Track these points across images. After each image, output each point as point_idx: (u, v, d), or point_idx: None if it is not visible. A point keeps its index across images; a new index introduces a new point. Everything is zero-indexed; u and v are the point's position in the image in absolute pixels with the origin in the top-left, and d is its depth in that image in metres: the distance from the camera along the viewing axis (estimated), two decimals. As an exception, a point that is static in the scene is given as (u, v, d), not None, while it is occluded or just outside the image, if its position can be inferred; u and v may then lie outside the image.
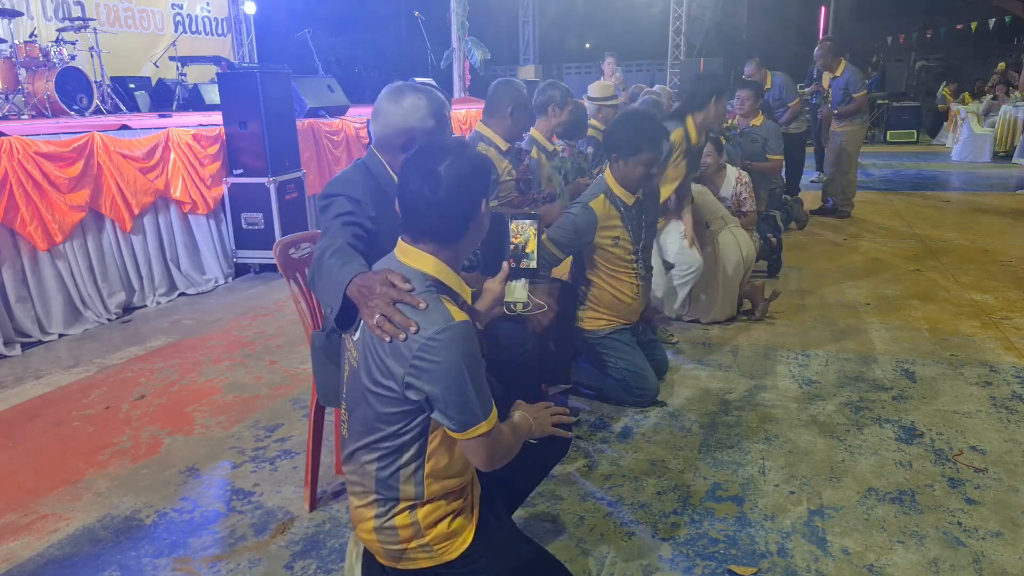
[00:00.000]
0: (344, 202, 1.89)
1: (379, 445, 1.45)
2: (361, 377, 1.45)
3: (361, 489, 1.52)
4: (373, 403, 1.42)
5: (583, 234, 2.87)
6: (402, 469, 1.45)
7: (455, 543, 1.51)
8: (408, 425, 1.42)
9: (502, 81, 3.16)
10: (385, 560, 1.55)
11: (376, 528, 1.50)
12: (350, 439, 1.53)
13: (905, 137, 13.99)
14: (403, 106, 1.95)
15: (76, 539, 2.21)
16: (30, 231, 3.88)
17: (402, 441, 1.43)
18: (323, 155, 6.04)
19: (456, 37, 12.07)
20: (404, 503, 1.48)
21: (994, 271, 4.94)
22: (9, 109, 6.60)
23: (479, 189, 1.44)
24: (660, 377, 3.17)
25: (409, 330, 1.33)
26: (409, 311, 1.37)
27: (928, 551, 2.06)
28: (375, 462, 1.47)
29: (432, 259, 1.43)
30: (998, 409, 2.93)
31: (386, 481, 1.47)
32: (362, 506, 1.53)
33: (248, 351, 3.79)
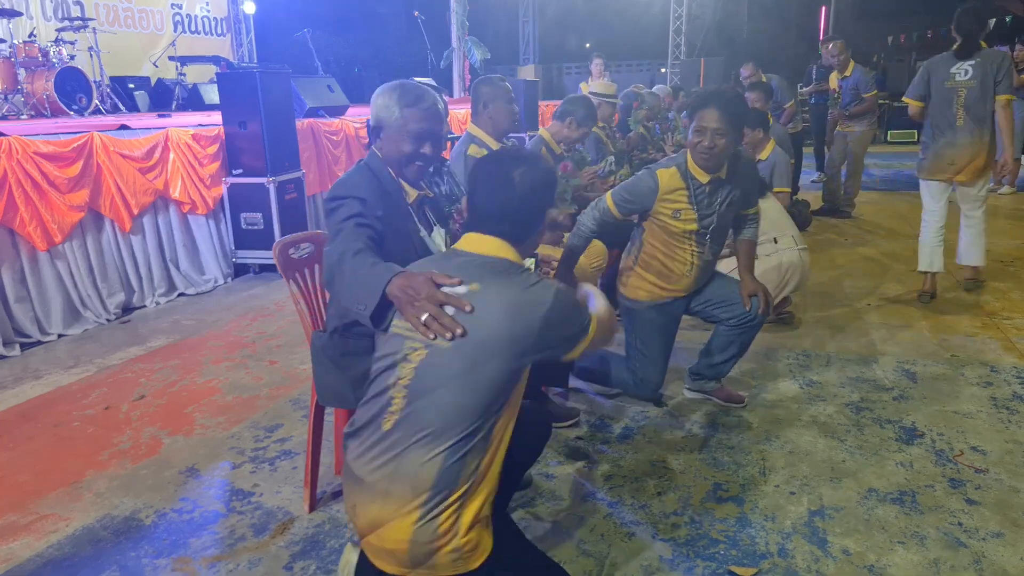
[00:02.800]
0: (353, 203, 1.88)
1: (460, 426, 1.43)
2: (457, 359, 1.45)
3: (404, 487, 1.45)
4: (466, 384, 1.44)
5: (642, 198, 2.71)
6: (465, 467, 1.44)
7: (478, 552, 1.48)
8: (491, 404, 1.45)
9: (478, 80, 3.24)
10: (399, 567, 1.48)
11: (415, 527, 1.43)
12: (402, 428, 1.47)
13: (906, 137, 13.98)
14: (378, 100, 2.00)
15: (76, 539, 2.20)
16: (29, 231, 3.88)
17: (483, 421, 1.45)
18: (323, 155, 6.04)
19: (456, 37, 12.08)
20: (456, 496, 1.44)
21: (995, 271, 4.94)
22: (8, 109, 6.59)
23: (547, 198, 1.64)
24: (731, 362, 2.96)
25: (456, 332, 1.45)
26: (520, 287, 1.50)
27: (929, 552, 2.06)
28: (444, 452, 1.42)
29: (508, 246, 1.60)
30: (999, 410, 2.93)
31: (450, 471, 1.43)
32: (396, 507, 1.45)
33: (248, 351, 3.79)
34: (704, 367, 2.98)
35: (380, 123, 2.00)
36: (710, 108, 2.53)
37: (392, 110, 1.97)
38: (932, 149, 4.30)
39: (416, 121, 1.97)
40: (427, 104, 1.98)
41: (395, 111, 1.97)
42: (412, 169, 2.05)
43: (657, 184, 2.67)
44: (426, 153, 2.02)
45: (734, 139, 2.59)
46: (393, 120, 1.97)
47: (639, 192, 2.71)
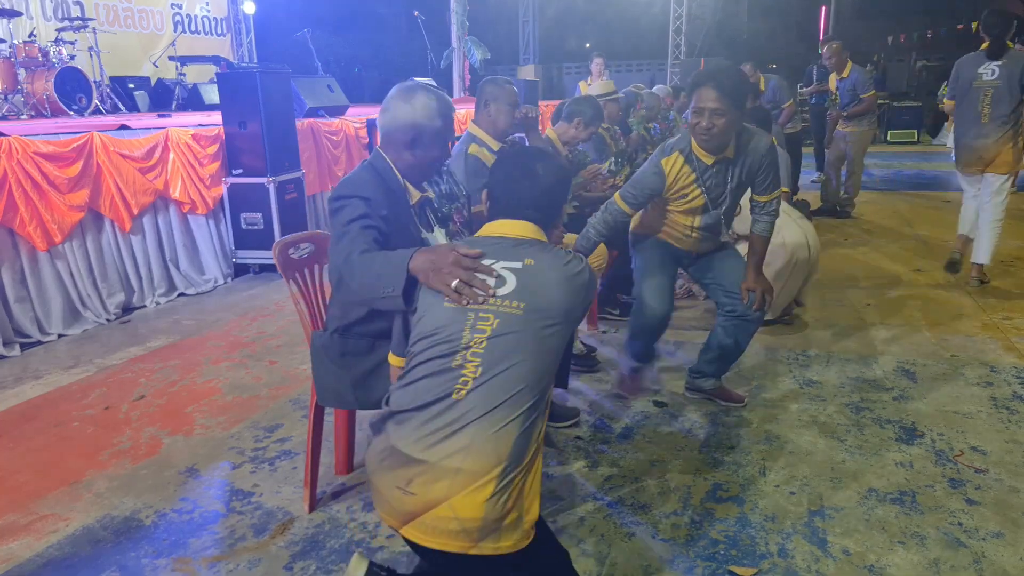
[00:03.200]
0: (358, 204, 1.88)
1: (529, 395, 1.48)
2: (530, 323, 1.53)
3: (479, 461, 1.42)
4: (541, 345, 1.53)
5: (650, 191, 2.71)
6: (536, 429, 1.50)
7: (531, 531, 1.49)
8: (554, 365, 1.57)
9: (485, 79, 3.25)
10: (464, 542, 1.43)
11: (488, 502, 1.40)
12: (474, 398, 1.45)
13: (906, 137, 13.99)
14: (414, 103, 1.97)
15: (76, 539, 2.20)
16: (29, 231, 3.88)
17: (544, 386, 1.53)
18: (323, 155, 6.04)
19: (456, 37, 12.08)
20: (523, 466, 1.46)
21: (995, 271, 4.93)
22: (8, 109, 6.60)
23: (566, 191, 1.80)
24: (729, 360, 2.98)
25: (488, 292, 1.55)
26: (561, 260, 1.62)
27: (929, 552, 2.06)
28: (522, 416, 1.46)
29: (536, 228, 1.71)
30: (999, 409, 2.93)
31: (522, 439, 1.46)
32: (468, 480, 1.41)
33: (248, 351, 3.79)
34: (703, 363, 3.00)
35: (420, 130, 1.98)
36: (706, 87, 2.47)
37: (435, 120, 1.99)
38: (962, 144, 4.64)
39: (450, 128, 2.02)
40: (454, 114, 2.07)
41: (438, 121, 1.99)
42: (429, 172, 2.10)
43: (663, 176, 2.66)
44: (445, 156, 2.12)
45: (734, 117, 2.51)
46: (434, 128, 1.99)
47: (647, 186, 2.70)
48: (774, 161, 2.71)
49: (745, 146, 2.65)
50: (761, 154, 2.67)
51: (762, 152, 2.66)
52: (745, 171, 2.69)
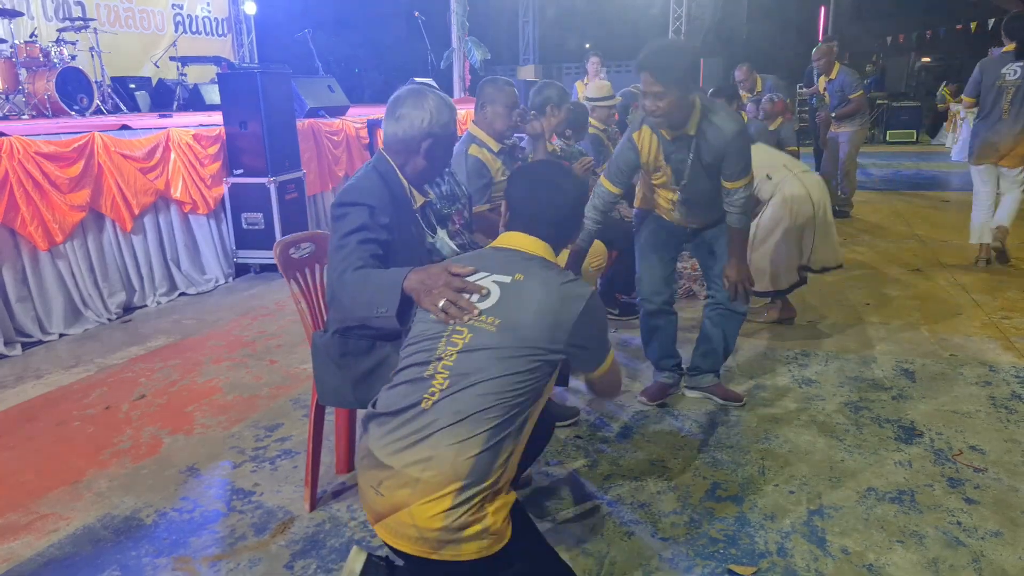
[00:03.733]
0: (360, 213, 1.88)
1: (494, 415, 1.46)
2: (502, 341, 1.51)
3: (437, 472, 1.44)
4: (511, 366, 1.49)
5: (630, 166, 2.76)
6: (505, 446, 1.48)
7: (501, 538, 1.49)
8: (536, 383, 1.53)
9: (484, 80, 3.26)
10: (423, 549, 1.46)
11: (446, 513, 1.42)
12: (441, 408, 1.47)
13: (905, 137, 14.00)
14: (428, 110, 1.97)
15: (76, 538, 2.21)
16: (30, 231, 3.89)
17: (517, 410, 1.50)
18: (323, 155, 6.05)
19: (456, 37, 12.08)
20: (487, 485, 1.45)
21: (994, 271, 4.94)
22: (9, 109, 6.60)
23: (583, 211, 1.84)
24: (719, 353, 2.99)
25: (473, 312, 1.55)
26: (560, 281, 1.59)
27: (928, 551, 2.07)
28: (481, 437, 1.44)
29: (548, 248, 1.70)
30: (998, 409, 2.93)
31: (485, 458, 1.45)
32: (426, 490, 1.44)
33: (248, 351, 3.79)
34: (697, 358, 3.06)
35: (436, 138, 1.99)
36: (644, 72, 2.48)
37: (449, 127, 2.01)
38: (980, 138, 4.97)
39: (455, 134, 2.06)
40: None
41: (452, 127, 2.01)
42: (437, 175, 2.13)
43: (637, 149, 2.72)
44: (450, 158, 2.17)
45: (677, 95, 2.46)
46: (448, 135, 2.02)
47: (625, 160, 2.76)
48: (743, 148, 2.60)
49: (708, 124, 2.57)
50: (727, 138, 2.56)
51: (728, 136, 2.56)
52: (707, 150, 2.61)
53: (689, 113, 2.55)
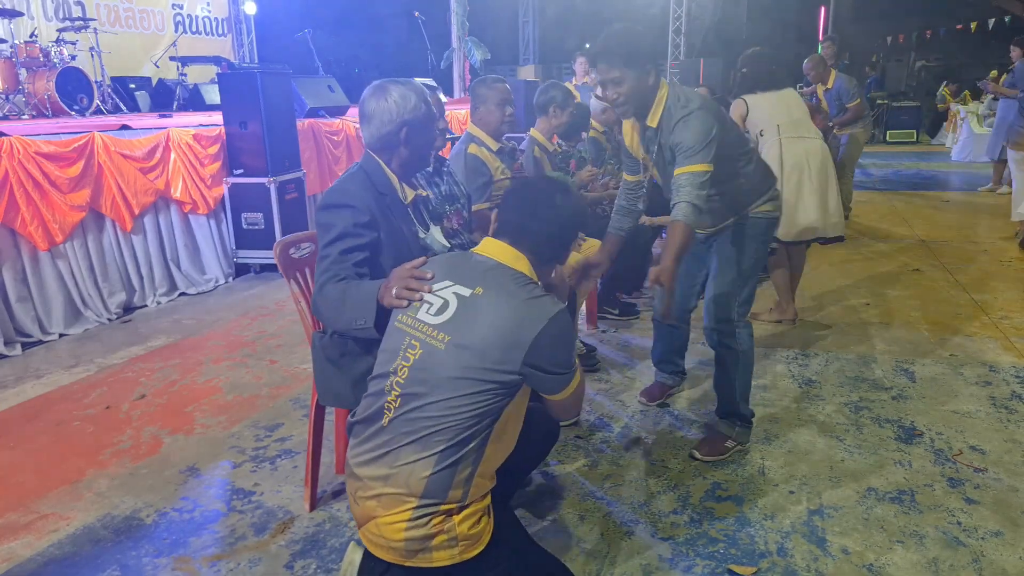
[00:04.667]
0: (342, 218, 1.88)
1: (446, 436, 1.43)
2: (453, 359, 1.45)
3: (395, 488, 1.46)
4: (462, 386, 1.43)
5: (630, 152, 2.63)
6: (461, 466, 1.44)
7: (476, 543, 1.50)
8: (490, 404, 1.46)
9: (476, 80, 3.25)
10: (395, 557, 1.50)
11: (408, 526, 1.45)
12: (398, 425, 1.47)
13: (905, 137, 14.00)
14: (393, 100, 1.95)
15: (76, 538, 2.21)
16: (30, 231, 3.89)
17: (473, 430, 1.45)
18: (323, 155, 6.05)
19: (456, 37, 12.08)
20: (448, 504, 1.45)
21: (994, 271, 4.94)
22: (9, 109, 6.60)
23: (579, 227, 1.70)
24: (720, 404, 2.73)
25: (423, 289, 1.55)
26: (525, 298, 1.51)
27: (928, 551, 2.07)
28: (433, 459, 1.43)
29: (526, 261, 1.61)
30: (998, 409, 2.93)
31: (439, 478, 1.43)
32: (390, 504, 1.47)
33: (248, 351, 3.79)
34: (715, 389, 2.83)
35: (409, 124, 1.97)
36: (599, 63, 2.36)
37: (420, 108, 1.98)
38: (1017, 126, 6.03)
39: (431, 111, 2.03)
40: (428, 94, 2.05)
41: (422, 107, 1.99)
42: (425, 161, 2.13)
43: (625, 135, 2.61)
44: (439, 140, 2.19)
45: (635, 80, 2.30)
46: (420, 116, 1.99)
47: (625, 148, 2.64)
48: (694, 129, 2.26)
49: (668, 114, 2.34)
50: (675, 118, 2.30)
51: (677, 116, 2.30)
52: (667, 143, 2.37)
53: (651, 98, 2.35)
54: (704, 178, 2.26)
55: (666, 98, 2.35)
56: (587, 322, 3.99)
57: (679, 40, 14.43)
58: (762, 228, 2.59)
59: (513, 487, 1.93)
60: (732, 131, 2.50)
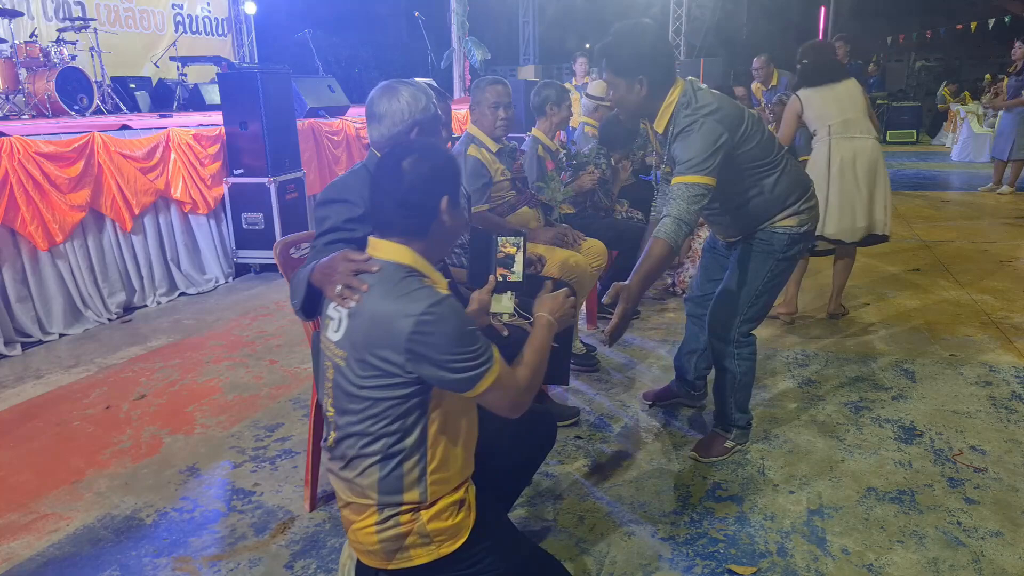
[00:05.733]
0: (335, 212, 1.89)
1: (378, 442, 1.43)
2: (352, 372, 1.44)
3: (358, 497, 1.49)
4: (368, 394, 1.42)
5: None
6: (405, 469, 1.44)
7: (455, 536, 1.50)
8: (406, 407, 1.42)
9: (474, 81, 3.25)
10: (378, 561, 1.52)
11: (378, 530, 1.48)
12: (344, 441, 1.50)
13: (905, 137, 14.00)
14: (404, 100, 1.97)
15: (76, 539, 2.21)
16: (30, 231, 3.89)
17: (402, 431, 1.43)
18: (323, 155, 6.05)
19: (456, 37, 12.07)
20: (409, 504, 1.46)
21: (994, 271, 4.94)
22: (9, 109, 6.60)
23: (439, 187, 1.49)
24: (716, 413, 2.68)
25: (362, 289, 1.43)
26: (397, 296, 1.40)
27: (928, 551, 2.07)
28: (376, 466, 1.45)
29: (406, 249, 1.47)
30: (998, 409, 2.93)
31: (389, 481, 1.45)
32: (358, 510, 1.50)
33: (248, 351, 3.79)
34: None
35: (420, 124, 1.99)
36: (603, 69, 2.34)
37: (429, 108, 2.00)
38: None
39: (438, 111, 2.04)
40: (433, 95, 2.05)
41: (431, 108, 2.01)
42: None
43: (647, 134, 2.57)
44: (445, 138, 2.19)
45: (624, 92, 2.28)
46: (430, 116, 2.00)
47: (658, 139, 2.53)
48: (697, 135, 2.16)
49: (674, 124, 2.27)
50: (680, 128, 2.22)
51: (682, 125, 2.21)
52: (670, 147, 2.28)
53: (649, 107, 2.28)
54: (699, 191, 2.13)
55: (675, 104, 2.25)
56: (587, 322, 3.99)
57: (679, 40, 14.43)
58: (781, 244, 2.41)
59: (512, 489, 1.92)
60: (752, 139, 2.29)
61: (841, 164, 3.76)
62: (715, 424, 2.67)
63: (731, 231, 2.53)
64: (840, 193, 3.77)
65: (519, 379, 1.51)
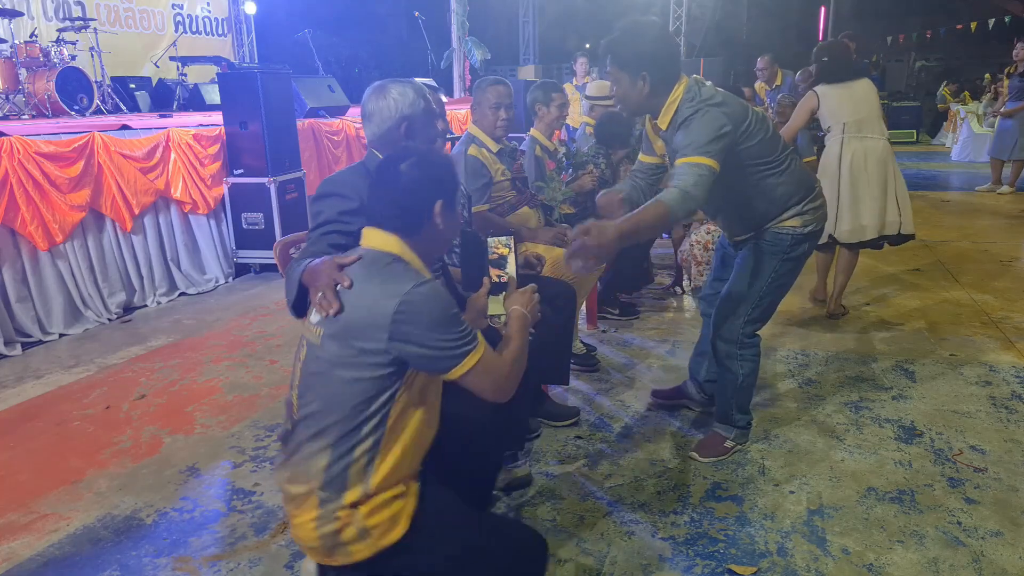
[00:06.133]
0: (331, 206, 1.90)
1: (336, 427, 1.44)
2: (327, 351, 1.45)
3: (303, 485, 1.48)
4: (340, 374, 1.43)
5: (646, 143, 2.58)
6: (356, 455, 1.44)
7: (392, 527, 1.47)
8: (372, 393, 1.43)
9: (476, 81, 3.24)
10: (319, 556, 1.51)
11: (316, 524, 1.46)
12: (299, 428, 1.50)
13: (905, 137, 14.01)
14: (392, 98, 2.00)
15: (76, 539, 2.21)
16: (30, 231, 3.89)
17: (363, 417, 1.43)
18: (323, 155, 6.05)
19: (456, 37, 12.07)
20: (352, 493, 1.45)
21: (994, 271, 4.94)
22: (10, 109, 6.60)
23: (434, 191, 1.56)
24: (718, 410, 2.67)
25: (331, 310, 1.45)
26: (383, 279, 1.46)
27: (928, 551, 2.07)
28: (328, 450, 1.44)
29: (396, 240, 1.54)
30: (998, 409, 2.93)
31: (338, 467, 1.44)
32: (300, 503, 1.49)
33: (248, 351, 3.79)
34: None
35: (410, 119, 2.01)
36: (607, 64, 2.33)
37: (418, 104, 2.01)
38: None
39: (431, 107, 2.06)
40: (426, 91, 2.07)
41: (420, 103, 2.02)
42: None
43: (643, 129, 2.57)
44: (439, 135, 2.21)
45: (626, 87, 2.28)
46: (420, 111, 2.02)
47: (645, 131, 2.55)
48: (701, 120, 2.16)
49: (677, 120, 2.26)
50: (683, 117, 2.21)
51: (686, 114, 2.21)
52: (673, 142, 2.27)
53: (652, 104, 2.29)
54: (704, 171, 2.09)
55: (679, 100, 2.24)
56: (587, 322, 3.99)
57: (679, 40, 14.43)
58: (784, 245, 2.40)
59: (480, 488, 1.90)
60: (755, 136, 2.27)
61: (852, 163, 3.84)
62: (715, 424, 2.67)
63: (735, 229, 2.53)
64: (851, 193, 3.84)
65: (503, 362, 1.55)
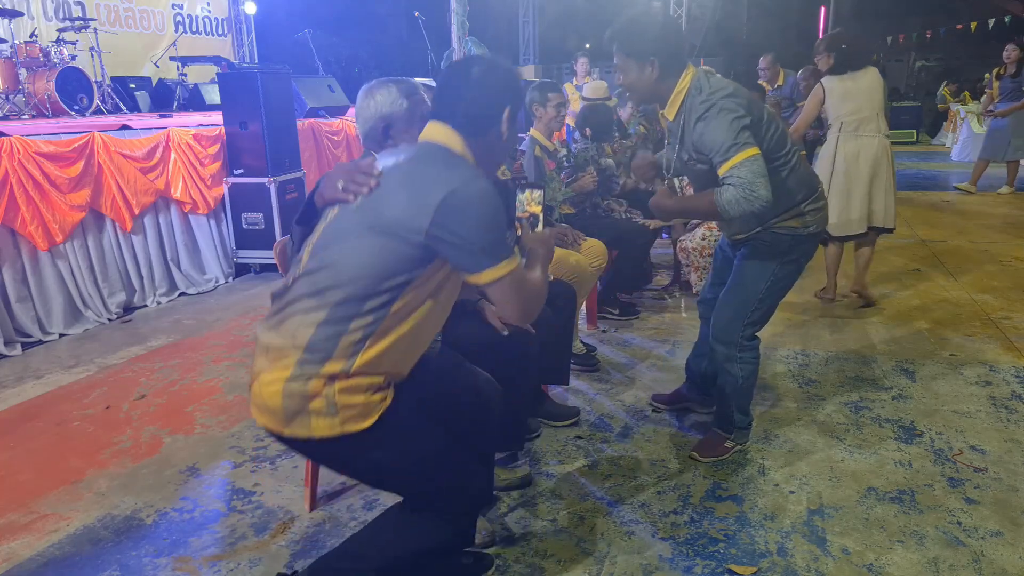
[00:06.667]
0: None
1: (341, 290, 1.42)
2: (362, 215, 1.46)
3: (286, 339, 1.45)
4: (368, 239, 1.43)
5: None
6: (351, 327, 1.42)
7: (363, 417, 1.45)
8: (394, 273, 1.43)
9: None
10: (275, 423, 1.47)
11: (286, 383, 1.43)
12: (301, 282, 1.48)
13: (905, 137, 14.02)
14: (376, 99, 2.05)
15: (76, 539, 2.21)
16: (30, 231, 3.89)
17: (372, 291, 1.42)
18: (323, 155, 6.05)
19: (456, 37, 12.06)
20: (328, 370, 1.42)
21: (994, 271, 4.94)
22: (10, 109, 6.60)
23: (503, 96, 1.63)
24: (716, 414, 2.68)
25: (370, 183, 1.48)
26: (442, 166, 1.49)
27: (928, 551, 2.07)
28: (323, 311, 1.42)
29: (459, 137, 1.57)
30: (998, 409, 2.93)
31: (326, 332, 1.42)
32: (275, 359, 1.46)
33: (248, 351, 3.79)
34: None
35: (389, 118, 2.04)
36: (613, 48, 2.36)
37: (400, 104, 2.04)
38: None
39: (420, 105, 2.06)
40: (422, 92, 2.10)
41: (403, 103, 2.04)
42: None
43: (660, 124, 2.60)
44: None
45: (636, 73, 2.30)
46: (402, 111, 2.04)
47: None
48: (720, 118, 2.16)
49: (690, 111, 2.26)
50: (697, 115, 2.22)
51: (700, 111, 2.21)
52: (688, 141, 2.29)
53: (660, 90, 2.29)
54: (758, 162, 2.12)
55: (686, 90, 2.25)
56: (587, 322, 3.99)
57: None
58: (784, 245, 2.39)
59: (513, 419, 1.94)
60: (768, 129, 2.28)
61: (846, 160, 3.95)
62: (715, 424, 2.67)
63: (734, 227, 2.51)
64: (839, 188, 3.97)
65: (533, 281, 1.57)
